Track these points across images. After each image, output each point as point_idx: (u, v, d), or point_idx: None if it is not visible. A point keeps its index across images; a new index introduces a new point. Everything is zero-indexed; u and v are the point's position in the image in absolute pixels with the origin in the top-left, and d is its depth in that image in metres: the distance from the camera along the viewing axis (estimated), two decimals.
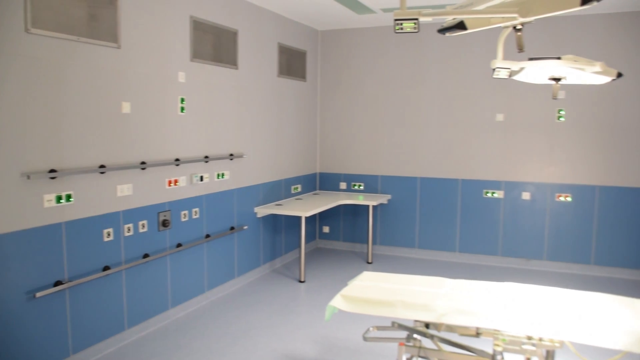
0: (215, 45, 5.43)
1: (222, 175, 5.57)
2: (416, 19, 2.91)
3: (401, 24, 2.94)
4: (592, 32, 6.35)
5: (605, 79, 3.68)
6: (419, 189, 7.22)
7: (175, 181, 4.89)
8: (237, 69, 5.75)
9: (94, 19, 4.01)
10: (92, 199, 4.04)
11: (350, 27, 7.37)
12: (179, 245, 4.94)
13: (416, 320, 3.46)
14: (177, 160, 4.87)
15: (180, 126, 4.95)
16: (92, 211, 4.04)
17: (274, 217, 6.59)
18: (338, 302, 3.38)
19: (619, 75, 3.68)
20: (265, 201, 6.42)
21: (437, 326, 3.43)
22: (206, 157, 5.29)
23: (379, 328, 3.72)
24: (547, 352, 3.28)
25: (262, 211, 6.21)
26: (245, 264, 6.10)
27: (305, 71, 7.29)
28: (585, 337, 2.93)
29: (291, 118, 6.97)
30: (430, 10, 2.95)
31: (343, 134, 7.60)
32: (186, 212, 5.06)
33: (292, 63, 6.93)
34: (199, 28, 5.14)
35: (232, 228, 5.75)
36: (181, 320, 4.93)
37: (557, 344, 3.16)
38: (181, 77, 4.92)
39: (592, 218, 6.53)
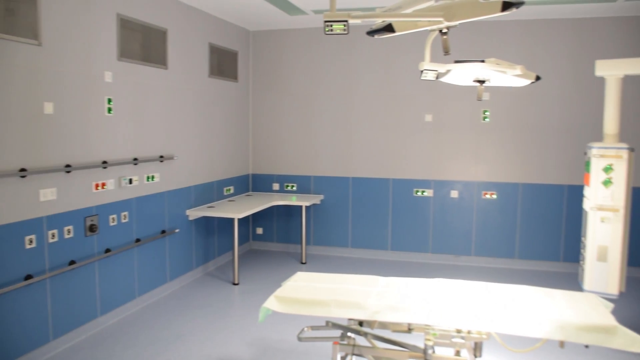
0: (144, 44, 5.29)
1: (152, 177, 5.44)
2: (346, 21, 2.95)
3: (331, 25, 2.97)
4: (513, 37, 6.64)
5: (525, 82, 3.86)
6: (351, 188, 7.32)
7: (103, 184, 4.73)
8: (166, 69, 5.63)
9: (11, 14, 3.81)
10: (12, 205, 3.84)
11: (282, 27, 7.37)
12: (107, 250, 4.78)
13: (350, 319, 3.50)
14: (104, 162, 4.71)
15: (107, 127, 4.79)
16: (12, 217, 3.84)
17: (206, 220, 6.50)
18: (272, 303, 3.37)
19: (538, 78, 3.87)
20: (197, 203, 6.32)
21: (370, 324, 3.48)
22: (135, 159, 5.15)
23: (313, 328, 3.73)
24: (475, 343, 3.40)
25: (194, 214, 6.10)
26: (178, 267, 5.98)
27: (237, 72, 7.23)
28: (509, 327, 3.07)
29: (223, 119, 6.89)
30: (360, 13, 2.99)
31: (275, 135, 7.59)
32: (115, 216, 4.90)
33: (223, 63, 6.85)
34: (127, 26, 4.99)
35: (163, 231, 5.63)
36: (111, 328, 4.77)
37: (484, 336, 3.29)
38: (108, 76, 4.76)
39: (515, 214, 6.83)
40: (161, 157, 5.56)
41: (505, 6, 2.86)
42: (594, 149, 4.42)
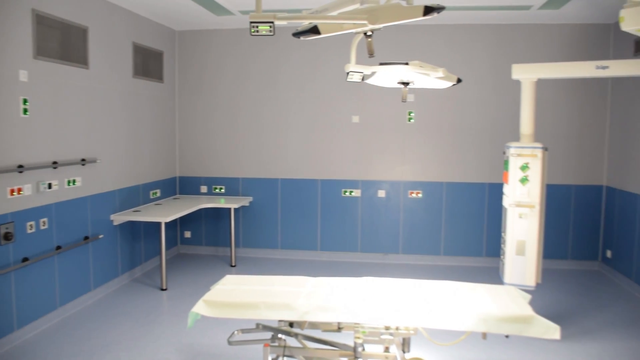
0: (63, 42, 5.06)
1: (74, 181, 5.22)
2: (271, 22, 2.95)
3: (257, 26, 2.97)
4: (436, 40, 6.86)
5: (447, 84, 4.00)
6: (280, 190, 7.32)
7: (19, 190, 4.49)
8: (88, 68, 5.42)
9: None
10: None
11: (209, 28, 7.27)
12: (25, 259, 4.54)
13: (280, 320, 3.51)
14: (20, 166, 4.48)
15: (23, 129, 4.56)
16: None
17: (132, 224, 6.31)
18: (200, 307, 3.32)
19: (459, 80, 4.02)
20: (122, 208, 6.13)
21: (300, 324, 3.50)
22: (55, 162, 4.92)
23: (243, 331, 3.71)
24: (404, 339, 3.48)
25: (118, 218, 5.92)
26: (102, 274, 5.77)
27: (163, 72, 7.06)
28: (435, 322, 3.17)
29: (148, 120, 6.72)
30: (286, 14, 3.00)
31: (203, 137, 7.47)
32: (33, 222, 4.66)
33: (148, 63, 6.68)
34: (44, 23, 4.77)
35: (86, 238, 5.42)
36: (30, 342, 4.53)
37: (412, 331, 3.39)
38: (23, 75, 4.53)
39: (440, 212, 7.05)
40: (83, 160, 5.35)
41: (427, 11, 2.96)
42: (511, 149, 4.63)
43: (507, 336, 3.26)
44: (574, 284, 6.23)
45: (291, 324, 3.55)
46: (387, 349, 3.50)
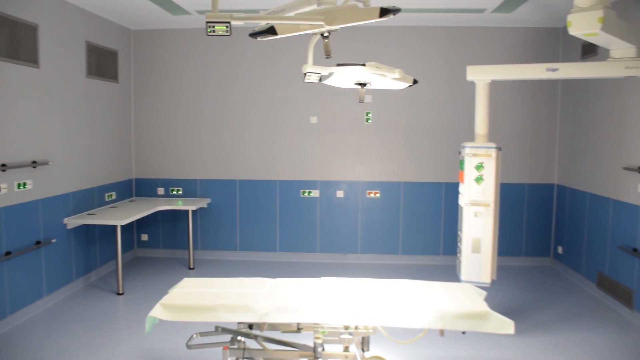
0: (11, 40, 4.90)
1: (24, 184, 5.06)
2: (228, 23, 2.93)
3: (213, 26, 2.94)
4: (393, 42, 6.94)
5: (403, 85, 4.05)
6: (238, 191, 7.27)
7: None
8: (38, 67, 5.27)
9: None
10: None
11: (165, 27, 7.15)
12: None
13: (239, 322, 3.49)
14: None
15: None
16: None
17: (86, 228, 6.16)
18: (158, 311, 3.28)
19: (415, 81, 4.08)
20: (77, 211, 5.98)
21: (260, 326, 3.49)
22: (3, 165, 4.76)
23: (202, 334, 3.67)
24: (363, 338, 3.51)
25: (72, 222, 5.76)
26: (56, 280, 5.61)
27: (118, 72, 6.92)
28: (394, 320, 3.21)
29: (103, 121, 6.56)
30: (242, 15, 2.99)
31: (160, 138, 7.35)
32: None
33: (102, 63, 6.53)
34: None
35: (38, 242, 5.25)
36: None
37: (371, 330, 3.42)
38: None
39: (398, 212, 7.14)
40: (34, 162, 5.19)
41: (383, 12, 3.00)
42: (466, 149, 4.72)
43: (463, 332, 3.33)
44: (528, 280, 6.40)
45: (251, 326, 3.53)
46: (346, 349, 3.53)
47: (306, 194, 7.20)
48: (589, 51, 6.04)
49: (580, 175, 6.36)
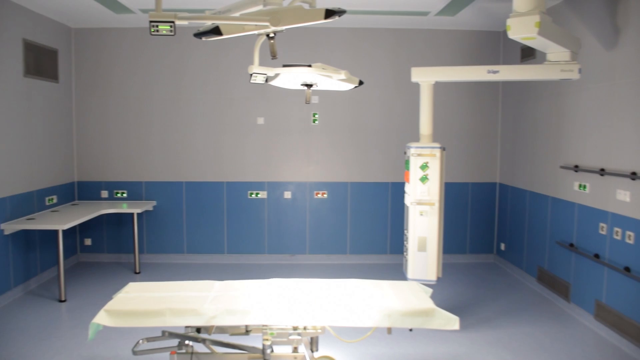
0: None
1: None
2: (172, 22, 2.89)
3: (157, 26, 2.89)
4: (340, 43, 7.00)
5: (349, 86, 4.09)
6: (184, 193, 7.16)
7: None
8: None
9: None
10: None
11: (108, 26, 6.96)
12: None
13: (187, 326, 3.44)
14: None
15: None
16: None
17: (26, 233, 5.93)
18: (102, 318, 3.19)
19: (361, 83, 4.12)
20: (15, 216, 5.74)
21: (208, 329, 3.45)
22: None
23: (149, 339, 3.60)
24: (312, 339, 3.52)
25: (10, 227, 5.54)
26: None
27: (58, 71, 6.68)
28: (342, 320, 3.24)
29: (42, 122, 6.33)
30: (187, 14, 2.95)
31: (103, 139, 7.15)
32: None
33: (41, 62, 6.29)
34: None
35: None
36: None
37: (319, 330, 3.43)
38: None
39: (346, 212, 7.19)
40: None
41: (328, 14, 3.03)
42: (412, 149, 4.81)
43: (410, 330, 3.39)
44: (472, 277, 6.58)
45: (198, 330, 3.49)
46: (295, 349, 3.53)
47: (254, 196, 7.16)
48: (527, 54, 6.26)
49: (521, 174, 6.58)
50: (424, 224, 4.79)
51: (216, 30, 3.10)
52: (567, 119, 5.49)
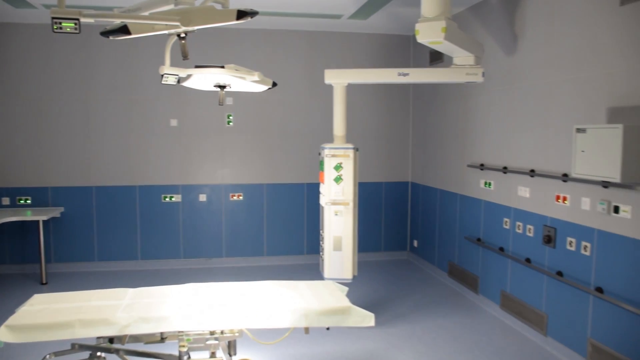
0: None
1: None
2: (77, 19, 2.76)
3: (60, 23, 2.75)
4: (255, 45, 6.98)
5: (263, 87, 4.09)
6: (94, 198, 6.86)
7: None
8: None
9: None
10: None
11: (5, 21, 6.53)
12: None
13: (99, 337, 3.31)
14: None
15: None
16: None
17: None
18: (3, 334, 3.00)
19: (274, 84, 4.13)
20: None
21: (121, 339, 3.34)
22: None
23: (57, 354, 3.43)
24: (229, 342, 3.49)
25: None
26: None
27: None
28: (259, 322, 3.24)
29: None
30: (93, 12, 2.83)
31: (3, 143, 6.70)
32: None
33: None
34: None
35: None
36: None
37: (237, 334, 3.41)
38: None
39: (262, 213, 7.18)
40: None
41: (240, 15, 3.00)
42: (326, 150, 4.87)
43: (327, 328, 3.44)
44: (387, 274, 6.75)
45: (111, 340, 3.36)
46: (213, 354, 3.49)
47: (168, 199, 6.98)
48: (436, 58, 6.51)
49: (431, 173, 6.84)
50: (339, 223, 4.87)
51: (124, 29, 3.00)
52: (473, 120, 5.76)
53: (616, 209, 3.69)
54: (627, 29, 3.64)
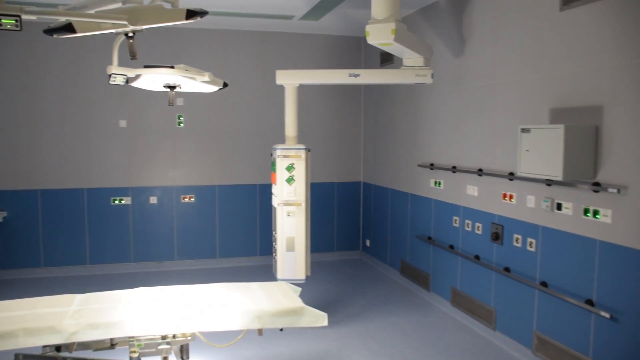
0: None
1: None
2: (18, 16, 2.66)
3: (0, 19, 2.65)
4: (206, 45, 6.91)
5: (213, 88, 4.05)
6: (39, 202, 6.63)
7: None
8: None
9: None
10: None
11: None
12: None
13: (45, 346, 3.20)
14: None
15: None
16: None
17: None
18: None
19: (225, 85, 4.10)
20: None
21: (68, 347, 3.24)
22: None
23: None
24: (182, 346, 3.44)
25: None
26: None
27: None
28: (212, 325, 3.21)
29: None
30: (35, 9, 2.74)
31: None
32: None
33: None
34: None
35: None
36: None
37: (189, 337, 3.37)
38: None
39: (214, 215, 7.10)
40: None
41: (190, 14, 2.96)
42: (277, 150, 4.87)
43: (281, 329, 3.43)
44: (340, 273, 6.80)
45: (58, 348, 3.25)
46: (165, 359, 3.43)
47: (117, 202, 6.82)
48: (386, 59, 6.59)
49: (383, 173, 6.92)
50: (291, 224, 4.87)
51: (69, 28, 2.92)
52: (422, 120, 5.87)
53: (559, 206, 3.83)
54: (567, 33, 3.78)
